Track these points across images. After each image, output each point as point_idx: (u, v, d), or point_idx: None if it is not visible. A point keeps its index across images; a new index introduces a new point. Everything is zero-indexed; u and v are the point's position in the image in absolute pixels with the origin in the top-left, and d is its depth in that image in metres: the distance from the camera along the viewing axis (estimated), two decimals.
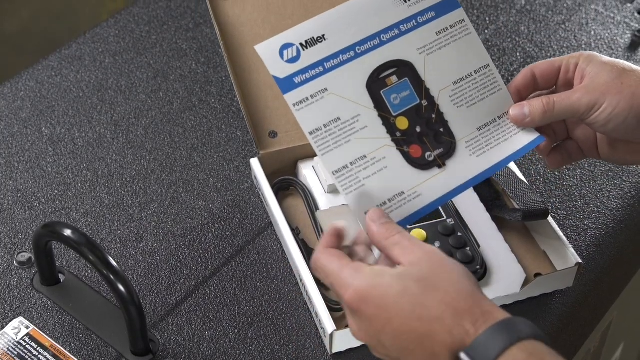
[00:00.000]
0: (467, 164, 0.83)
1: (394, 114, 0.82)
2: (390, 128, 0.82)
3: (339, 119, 0.81)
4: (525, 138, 0.85)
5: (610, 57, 1.17)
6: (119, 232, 0.99)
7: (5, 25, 2.48)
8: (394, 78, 0.84)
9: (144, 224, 1.00)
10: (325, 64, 0.83)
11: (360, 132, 0.81)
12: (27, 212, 1.00)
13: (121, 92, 1.13)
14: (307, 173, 1.01)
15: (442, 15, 0.86)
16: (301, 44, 0.83)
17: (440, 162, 0.82)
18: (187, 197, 1.02)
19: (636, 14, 1.23)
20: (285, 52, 0.83)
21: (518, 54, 1.19)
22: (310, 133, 0.80)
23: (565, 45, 1.19)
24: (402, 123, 0.82)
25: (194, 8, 1.23)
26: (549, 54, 1.18)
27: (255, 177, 1.01)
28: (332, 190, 0.99)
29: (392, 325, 0.66)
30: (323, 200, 0.98)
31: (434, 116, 0.83)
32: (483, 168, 0.84)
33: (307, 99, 0.81)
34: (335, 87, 0.82)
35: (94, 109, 1.11)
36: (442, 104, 0.84)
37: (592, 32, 1.21)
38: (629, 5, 1.25)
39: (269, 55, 0.82)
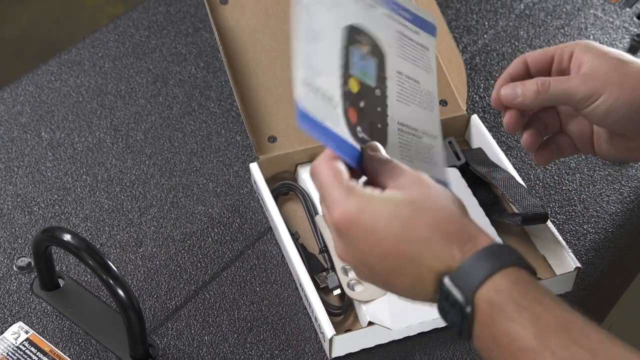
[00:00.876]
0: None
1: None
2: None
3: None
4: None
5: None
6: (119, 236, 0.99)
7: (4, 30, 2.48)
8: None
9: (144, 228, 1.00)
10: None
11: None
12: (27, 217, 1.00)
13: (120, 96, 1.13)
14: (307, 177, 1.01)
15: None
16: None
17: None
18: (187, 202, 1.02)
19: (635, 19, 1.24)
20: None
21: None
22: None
23: None
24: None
25: (194, 13, 1.23)
26: None
27: (255, 182, 1.01)
28: None
29: (381, 247, 0.65)
30: None
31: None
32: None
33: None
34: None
35: (93, 113, 1.11)
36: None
37: (591, 37, 1.21)
38: (627, 9, 1.25)
39: None
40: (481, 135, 1.05)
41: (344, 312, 0.91)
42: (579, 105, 0.78)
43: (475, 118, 1.06)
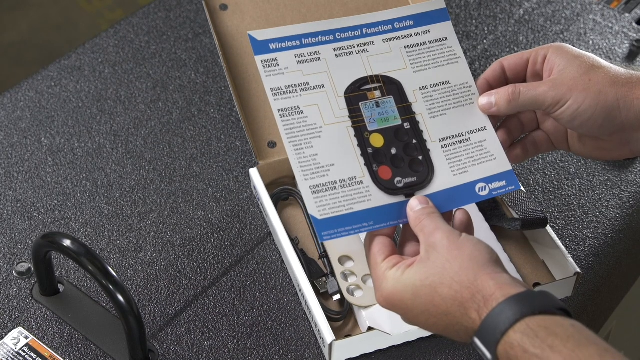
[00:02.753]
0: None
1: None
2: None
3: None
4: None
5: None
6: (118, 242, 0.99)
7: (4, 36, 2.48)
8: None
9: (143, 234, 1.00)
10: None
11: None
12: (27, 222, 1.00)
13: (120, 102, 1.13)
14: None
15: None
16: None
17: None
18: (186, 207, 1.02)
19: (634, 24, 1.24)
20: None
21: None
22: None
23: None
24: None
25: (193, 18, 1.23)
26: None
27: (255, 187, 1.01)
28: None
29: (418, 320, 0.74)
30: None
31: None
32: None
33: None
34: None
35: (93, 119, 1.11)
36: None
37: (591, 42, 1.22)
38: (627, 15, 1.25)
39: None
40: None
41: (343, 318, 0.91)
42: (547, 110, 0.81)
43: None
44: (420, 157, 0.80)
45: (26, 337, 0.89)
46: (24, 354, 0.88)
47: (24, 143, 1.08)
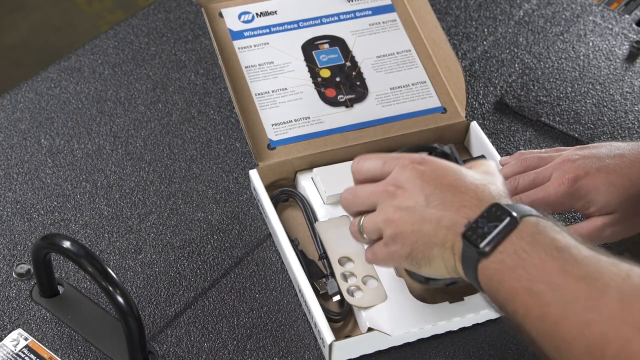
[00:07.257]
0: (371, 110, 1.04)
1: (319, 66, 1.06)
2: (314, 74, 1.06)
3: (272, 62, 1.06)
4: (427, 104, 1.06)
5: (609, 67, 1.17)
6: (118, 243, 0.99)
7: (4, 38, 2.48)
8: (326, 45, 1.08)
9: (143, 235, 1.00)
10: (271, 28, 1.08)
11: (288, 73, 1.05)
12: (26, 224, 1.00)
13: (120, 103, 1.13)
14: (306, 184, 1.01)
15: (377, 14, 1.11)
16: (257, 13, 1.08)
17: (348, 104, 1.04)
18: (186, 209, 1.02)
19: (634, 25, 1.24)
20: (243, 15, 1.08)
21: (516, 65, 1.19)
22: (246, 67, 1.05)
23: (563, 57, 1.20)
24: (325, 73, 1.06)
25: (193, 20, 1.23)
26: (547, 65, 1.18)
27: (254, 189, 1.01)
28: (331, 202, 0.99)
29: (447, 176, 0.78)
30: (322, 212, 0.98)
31: (354, 73, 1.06)
32: (384, 115, 1.04)
33: (250, 46, 1.06)
34: (276, 43, 1.07)
35: (93, 120, 1.11)
36: (363, 67, 1.07)
37: (590, 44, 1.21)
38: (627, 16, 1.25)
39: (229, 15, 1.08)
40: (480, 141, 1.05)
41: (343, 318, 0.91)
42: None
43: (474, 125, 1.06)
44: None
45: (25, 339, 0.89)
46: (23, 355, 0.88)
47: (24, 144, 1.08)
